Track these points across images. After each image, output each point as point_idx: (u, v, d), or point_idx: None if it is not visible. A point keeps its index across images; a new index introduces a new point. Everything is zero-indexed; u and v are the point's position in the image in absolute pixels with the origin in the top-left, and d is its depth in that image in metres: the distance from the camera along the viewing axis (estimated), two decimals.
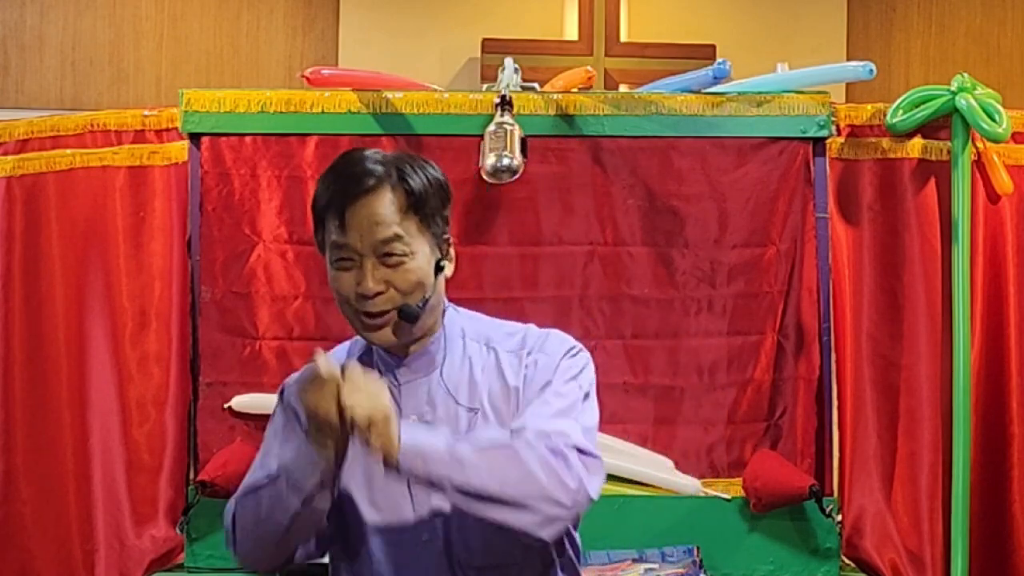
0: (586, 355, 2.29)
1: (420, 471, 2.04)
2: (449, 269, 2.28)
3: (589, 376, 2.27)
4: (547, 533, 2.11)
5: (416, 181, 2.21)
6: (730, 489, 3.69)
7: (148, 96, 5.81)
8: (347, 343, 2.38)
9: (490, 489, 2.06)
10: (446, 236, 2.26)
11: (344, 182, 2.19)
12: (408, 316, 2.18)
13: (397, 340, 2.21)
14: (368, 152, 2.24)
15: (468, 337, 2.30)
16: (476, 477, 2.06)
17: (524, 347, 2.27)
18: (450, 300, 3.71)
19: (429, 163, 2.27)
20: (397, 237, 2.17)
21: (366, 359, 2.29)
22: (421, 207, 2.20)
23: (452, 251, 2.29)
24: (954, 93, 3.70)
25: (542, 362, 2.24)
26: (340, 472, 2.13)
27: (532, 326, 2.33)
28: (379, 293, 2.17)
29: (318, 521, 2.16)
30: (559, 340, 2.29)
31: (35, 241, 3.76)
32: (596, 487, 2.15)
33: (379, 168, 2.20)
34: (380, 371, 2.24)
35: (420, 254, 2.20)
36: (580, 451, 2.13)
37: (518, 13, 5.99)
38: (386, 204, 2.18)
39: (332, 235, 2.20)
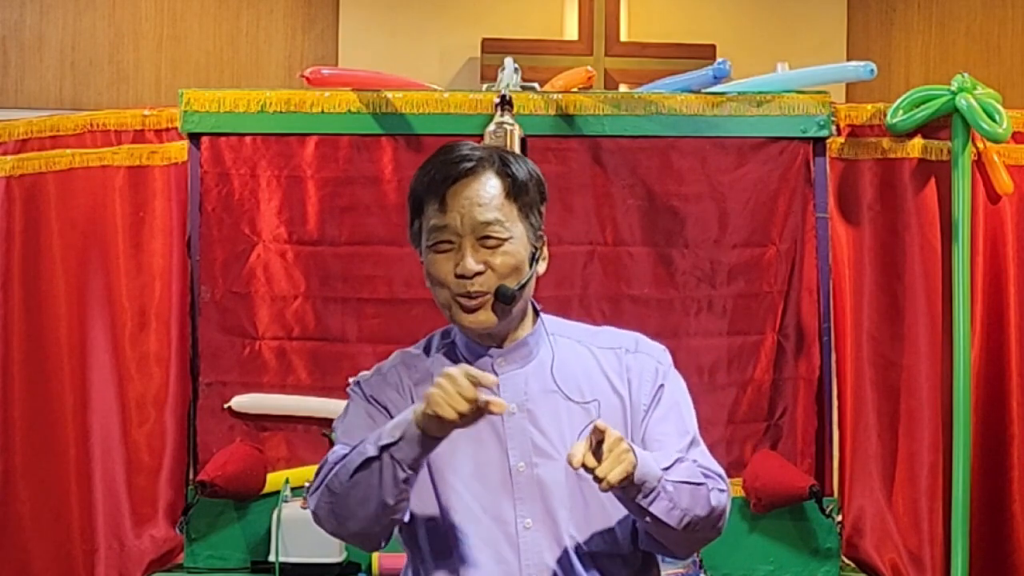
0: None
1: (642, 491, 2.11)
2: (542, 266, 2.29)
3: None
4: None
5: (519, 169, 2.24)
6: (730, 489, 3.68)
7: (148, 96, 5.80)
8: (421, 342, 2.38)
9: (692, 513, 2.15)
10: (541, 232, 2.28)
11: (446, 166, 2.21)
12: (505, 297, 2.19)
13: (495, 323, 2.21)
14: (468, 142, 2.27)
15: (561, 335, 2.32)
16: (681, 501, 2.14)
17: (619, 344, 2.31)
18: None
19: (527, 158, 2.30)
20: (497, 221, 2.19)
21: (450, 354, 2.29)
22: (521, 195, 2.23)
23: (546, 250, 2.30)
24: (954, 93, 3.70)
25: (647, 364, 2.29)
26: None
27: (608, 327, 2.38)
28: (478, 273, 2.18)
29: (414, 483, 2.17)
30: (648, 340, 2.35)
31: (35, 241, 3.76)
32: None
33: (481, 153, 2.23)
34: (468, 361, 2.25)
35: (518, 239, 2.22)
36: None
37: (518, 13, 5.99)
38: (488, 187, 2.21)
39: (431, 219, 2.21)
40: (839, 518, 3.72)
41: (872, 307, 3.78)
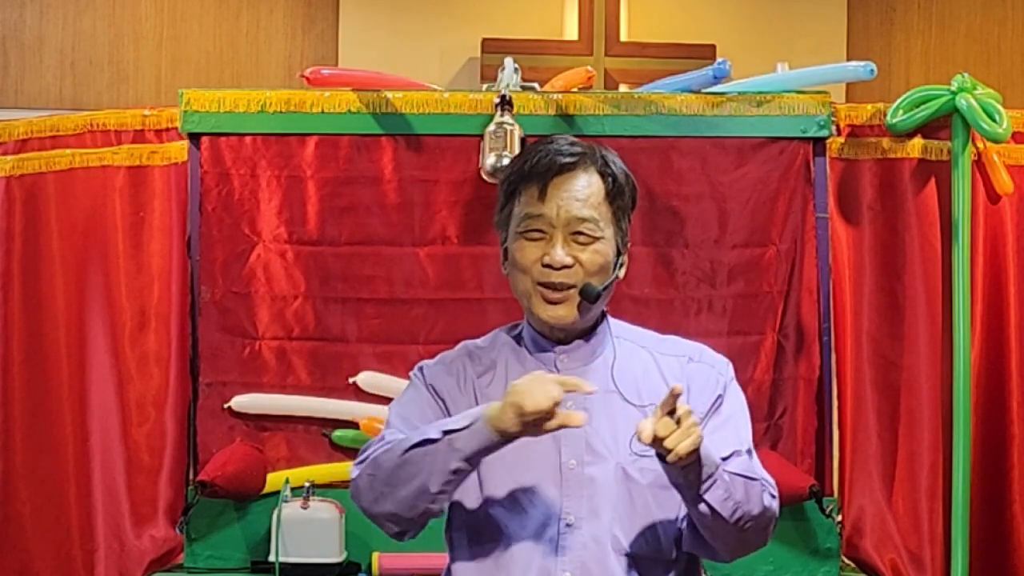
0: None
1: (701, 475, 2.11)
2: (622, 272, 2.29)
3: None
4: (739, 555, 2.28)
5: (619, 171, 2.26)
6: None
7: (148, 96, 5.80)
8: (488, 335, 2.38)
9: (744, 508, 2.16)
10: (627, 238, 2.29)
11: (551, 156, 2.22)
12: (589, 295, 2.19)
13: (574, 319, 2.22)
14: (568, 136, 2.29)
15: (625, 339, 2.33)
16: (736, 493, 2.15)
17: (684, 354, 2.32)
18: (451, 300, 3.75)
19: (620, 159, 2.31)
20: (593, 219, 2.21)
21: (515, 347, 2.30)
22: (617, 198, 2.25)
23: (627, 257, 2.30)
24: (954, 93, 3.70)
25: (708, 374, 2.29)
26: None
27: (676, 337, 2.39)
28: (566, 266, 2.19)
29: (459, 484, 2.19)
30: (712, 352, 2.36)
31: (35, 241, 3.76)
32: None
33: (584, 149, 2.25)
34: (531, 355, 2.27)
35: (608, 241, 2.23)
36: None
37: (518, 13, 5.99)
38: (590, 184, 2.22)
39: (526, 206, 2.22)
40: (839, 518, 3.72)
41: (872, 307, 3.78)
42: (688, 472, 2.09)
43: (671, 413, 2.04)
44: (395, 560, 3.61)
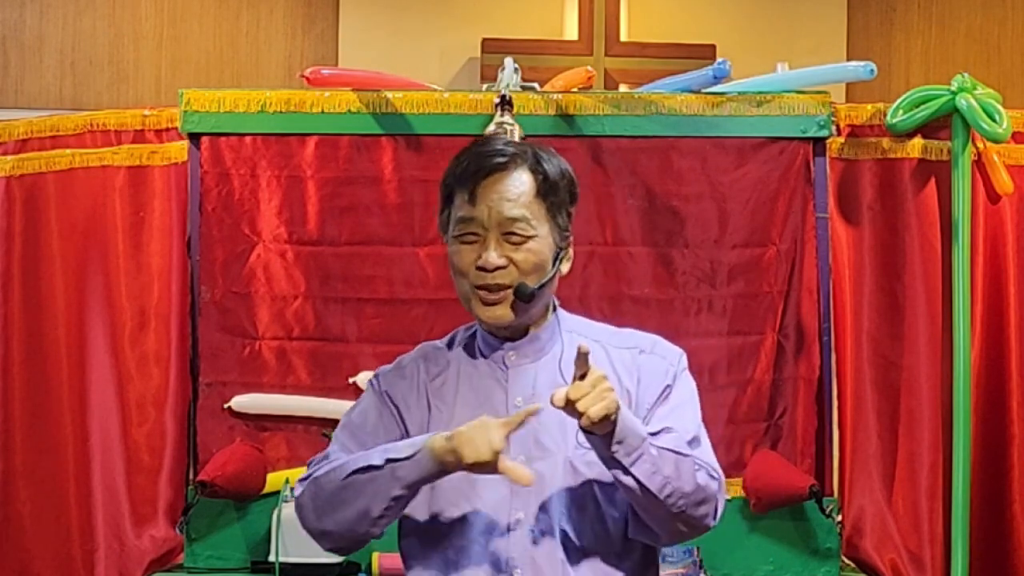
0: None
1: (624, 446, 2.10)
2: (566, 266, 2.30)
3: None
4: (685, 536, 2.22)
5: (551, 168, 2.26)
6: (730, 489, 3.68)
7: (148, 96, 5.80)
8: (448, 335, 2.39)
9: (674, 484, 2.13)
10: (568, 232, 2.29)
11: (480, 158, 2.23)
12: (523, 295, 2.21)
13: (511, 319, 2.23)
14: (504, 137, 2.27)
15: (577, 333, 2.33)
16: (664, 467, 2.13)
17: (636, 346, 2.31)
18: (451, 300, 3.73)
19: (560, 157, 2.31)
20: (524, 218, 2.21)
21: (469, 347, 2.32)
22: (551, 194, 2.25)
23: (571, 250, 2.31)
24: (954, 93, 3.70)
25: (659, 365, 2.29)
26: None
27: (631, 329, 2.38)
28: (499, 268, 2.20)
29: (402, 510, 2.21)
30: (666, 343, 2.35)
31: (35, 241, 3.76)
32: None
33: (515, 149, 2.25)
34: (484, 355, 2.28)
35: (543, 238, 2.23)
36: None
37: (518, 13, 5.99)
38: (519, 183, 2.23)
39: (459, 209, 2.23)
40: (839, 518, 3.72)
41: (872, 307, 3.78)
42: (609, 441, 2.09)
43: (583, 377, 2.05)
44: (395, 560, 3.56)
